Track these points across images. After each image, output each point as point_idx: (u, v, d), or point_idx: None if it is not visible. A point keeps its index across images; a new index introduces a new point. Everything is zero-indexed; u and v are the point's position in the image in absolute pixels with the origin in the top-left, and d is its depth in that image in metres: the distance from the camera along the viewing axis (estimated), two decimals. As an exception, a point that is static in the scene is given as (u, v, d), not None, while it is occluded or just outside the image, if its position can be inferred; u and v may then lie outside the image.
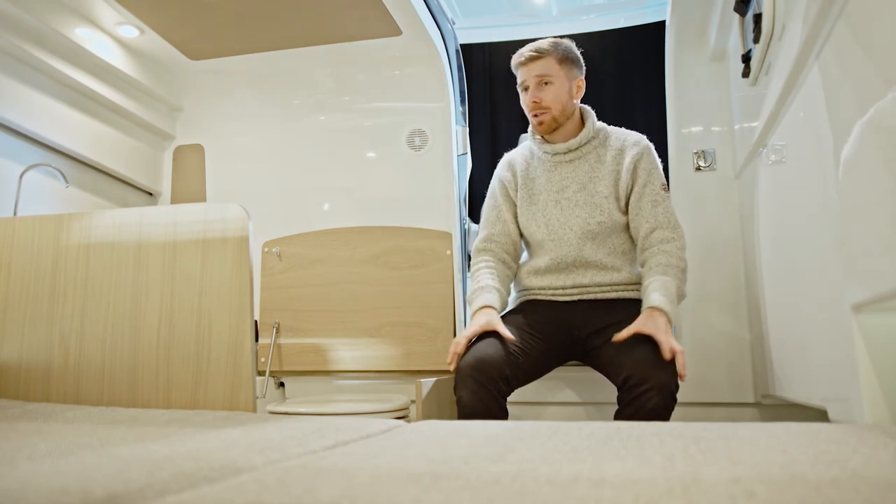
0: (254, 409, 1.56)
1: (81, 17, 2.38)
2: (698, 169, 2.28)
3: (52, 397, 1.68)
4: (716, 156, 2.27)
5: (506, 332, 1.68)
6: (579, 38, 3.57)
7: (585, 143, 1.86)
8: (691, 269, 2.19)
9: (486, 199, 2.00)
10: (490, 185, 2.00)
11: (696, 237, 2.21)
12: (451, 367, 1.68)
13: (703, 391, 2.13)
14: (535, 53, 1.82)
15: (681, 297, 1.70)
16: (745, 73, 1.80)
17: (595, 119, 1.89)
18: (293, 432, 1.02)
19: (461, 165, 2.72)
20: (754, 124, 1.82)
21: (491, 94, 3.82)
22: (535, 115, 1.84)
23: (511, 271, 1.94)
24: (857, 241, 1.06)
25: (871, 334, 1.06)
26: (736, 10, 1.79)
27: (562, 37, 1.91)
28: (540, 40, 1.86)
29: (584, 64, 1.90)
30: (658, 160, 1.85)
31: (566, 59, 1.83)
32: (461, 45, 2.92)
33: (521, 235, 1.95)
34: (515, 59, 1.85)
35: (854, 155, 1.04)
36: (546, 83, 1.81)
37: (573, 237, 1.82)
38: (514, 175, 1.93)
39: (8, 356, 1.72)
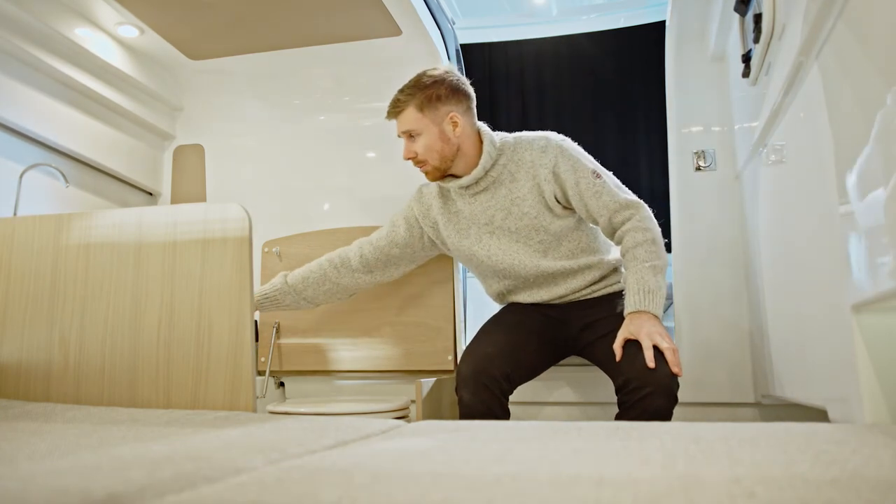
0: (254, 409, 1.56)
1: (81, 17, 2.38)
2: (698, 169, 2.28)
3: (52, 397, 1.68)
4: (716, 156, 2.27)
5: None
6: (579, 38, 3.59)
7: (491, 168, 1.76)
8: (691, 268, 2.20)
9: (394, 214, 1.97)
10: (406, 204, 1.96)
11: (696, 237, 2.21)
12: None
13: (703, 391, 2.13)
14: (393, 108, 1.76)
15: (659, 270, 1.61)
16: (745, 73, 1.80)
17: (493, 139, 1.77)
18: (293, 432, 1.02)
19: (461, 165, 2.72)
20: (754, 124, 1.82)
21: (491, 94, 3.82)
22: (420, 167, 1.79)
23: (350, 279, 1.94)
24: (857, 241, 1.06)
25: (871, 334, 1.06)
26: (736, 10, 1.79)
27: (562, 37, 1.90)
28: (407, 83, 1.76)
29: (462, 89, 1.76)
30: (575, 151, 1.74)
31: (428, 102, 1.72)
32: (461, 45, 2.92)
33: (401, 261, 1.96)
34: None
35: (854, 154, 1.04)
36: (413, 137, 1.75)
37: (524, 258, 1.76)
38: (428, 211, 1.88)
39: (8, 356, 1.72)
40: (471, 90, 1.80)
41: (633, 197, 1.72)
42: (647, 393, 1.48)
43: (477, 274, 1.93)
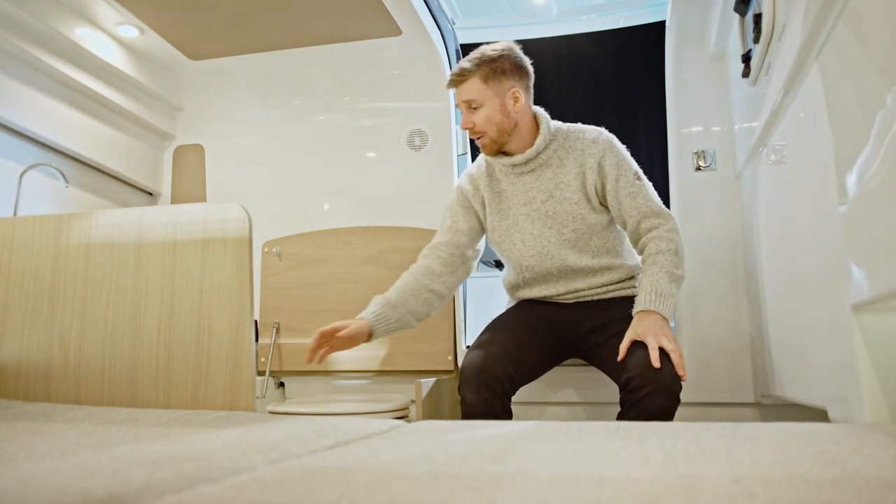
0: (254, 409, 1.56)
1: (81, 17, 2.38)
2: (698, 169, 2.28)
3: (52, 397, 1.68)
4: (716, 156, 2.27)
5: (341, 325, 1.66)
6: (579, 38, 3.58)
7: (543, 150, 1.78)
8: (691, 269, 2.19)
9: (445, 209, 1.95)
10: (454, 194, 1.94)
11: (696, 237, 2.21)
12: (307, 360, 1.64)
13: (703, 391, 2.13)
14: (457, 77, 1.75)
15: (676, 280, 1.64)
16: (745, 73, 1.80)
17: (549, 123, 1.80)
18: (293, 432, 1.02)
19: (461, 165, 2.72)
20: (754, 124, 1.82)
21: (491, 94, 3.81)
22: (476, 139, 1.79)
23: (440, 284, 1.83)
24: (857, 240, 1.06)
25: (871, 334, 1.06)
26: (736, 10, 1.79)
27: (562, 37, 1.89)
28: (470, 55, 1.76)
29: (524, 67, 1.78)
30: (623, 150, 1.78)
31: (493, 75, 1.72)
32: (461, 45, 2.92)
33: (471, 249, 1.90)
34: (447, 80, 1.79)
35: (854, 154, 1.04)
36: (475, 107, 1.74)
37: (552, 248, 1.78)
38: (477, 189, 1.88)
39: (8, 356, 1.72)
40: (531, 70, 1.82)
41: (665, 208, 1.75)
42: (648, 392, 1.48)
43: (504, 259, 1.93)
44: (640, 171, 1.78)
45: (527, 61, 1.81)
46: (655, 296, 1.59)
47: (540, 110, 1.83)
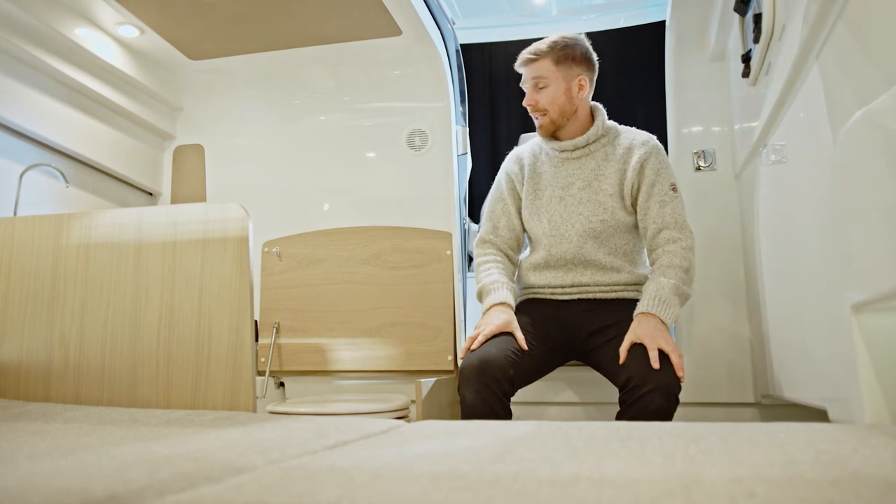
0: (254, 409, 1.56)
1: (81, 17, 2.38)
2: (698, 169, 2.28)
3: (52, 397, 1.68)
4: (716, 156, 2.27)
5: (521, 335, 1.70)
6: (579, 39, 3.56)
7: (593, 141, 1.86)
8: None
9: (492, 192, 2.01)
10: (496, 178, 2.01)
11: (696, 237, 2.21)
12: (461, 356, 1.69)
13: (703, 391, 2.13)
14: (531, 56, 1.83)
15: (681, 295, 1.68)
16: (745, 73, 1.80)
17: (605, 117, 1.88)
18: (293, 432, 1.02)
19: (461, 165, 2.72)
20: (754, 124, 1.82)
21: (491, 94, 3.82)
22: (536, 118, 1.87)
23: (513, 265, 1.96)
24: (856, 241, 1.06)
25: (871, 334, 1.06)
26: (736, 10, 1.80)
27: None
28: (543, 39, 1.85)
29: (592, 59, 1.87)
30: (667, 160, 1.84)
31: (564, 59, 1.81)
32: (461, 45, 2.92)
33: (525, 230, 1.96)
34: (518, 59, 1.87)
35: (852, 154, 1.04)
36: (541, 87, 1.82)
37: (574, 234, 1.82)
38: (522, 169, 1.94)
39: (8, 356, 1.72)
40: (597, 64, 1.90)
41: (688, 224, 1.80)
42: (647, 391, 1.48)
43: (529, 236, 1.98)
44: (677, 185, 1.83)
45: (595, 55, 1.89)
46: (658, 301, 1.62)
47: (598, 105, 1.91)
